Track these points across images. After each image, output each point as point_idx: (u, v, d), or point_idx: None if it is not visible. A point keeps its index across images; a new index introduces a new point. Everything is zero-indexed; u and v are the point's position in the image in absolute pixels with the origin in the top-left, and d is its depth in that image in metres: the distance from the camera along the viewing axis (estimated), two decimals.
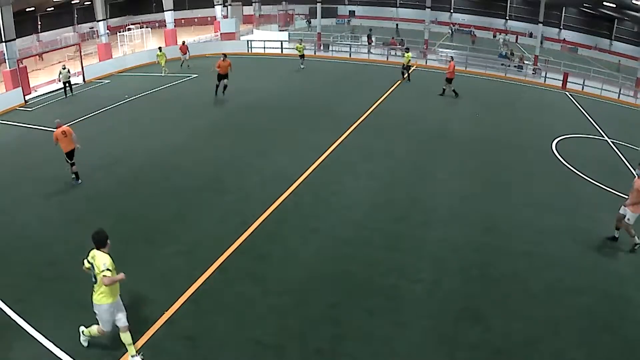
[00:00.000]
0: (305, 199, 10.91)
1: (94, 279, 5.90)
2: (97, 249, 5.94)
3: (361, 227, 9.79)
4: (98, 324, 6.11)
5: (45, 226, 9.83)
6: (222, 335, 6.75)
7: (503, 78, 27.31)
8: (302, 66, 26.37)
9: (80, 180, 11.67)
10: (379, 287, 7.90)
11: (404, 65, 24.28)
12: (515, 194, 11.62)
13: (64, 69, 21.78)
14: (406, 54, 24.64)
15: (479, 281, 8.16)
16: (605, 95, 24.84)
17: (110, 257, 5.89)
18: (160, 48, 26.60)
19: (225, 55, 19.70)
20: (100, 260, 5.77)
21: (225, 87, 19.52)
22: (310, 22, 50.68)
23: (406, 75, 24.32)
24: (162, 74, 25.04)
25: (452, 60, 21.45)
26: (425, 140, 15.16)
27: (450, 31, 50.83)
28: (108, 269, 5.69)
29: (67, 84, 21.65)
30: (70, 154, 11.49)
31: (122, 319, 6.02)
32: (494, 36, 51.92)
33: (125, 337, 6.05)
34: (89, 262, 5.96)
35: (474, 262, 8.68)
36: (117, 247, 8.92)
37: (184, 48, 27.85)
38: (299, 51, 26.36)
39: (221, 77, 19.42)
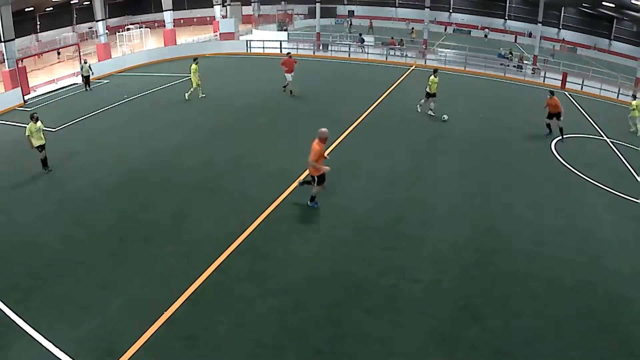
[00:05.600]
0: (305, 199, 10.90)
1: None
2: None
3: (361, 227, 9.78)
4: None
5: (45, 226, 9.82)
6: (222, 335, 6.75)
7: (502, 78, 27.32)
8: (430, 112, 17.67)
9: None
10: (378, 287, 7.90)
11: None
12: (515, 194, 11.62)
13: (85, 63, 22.09)
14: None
15: (479, 281, 8.16)
16: (604, 95, 24.85)
17: None
18: (195, 59, 19.43)
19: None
20: None
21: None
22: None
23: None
24: (190, 95, 19.41)
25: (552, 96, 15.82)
26: (425, 140, 15.15)
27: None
28: None
29: (87, 79, 22.03)
30: None
31: None
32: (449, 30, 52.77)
33: None
34: None
35: (474, 262, 8.69)
36: (117, 246, 9.00)
37: (291, 63, 19.47)
38: (431, 88, 17.26)
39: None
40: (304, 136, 15.19)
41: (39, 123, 12.58)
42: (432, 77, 17.17)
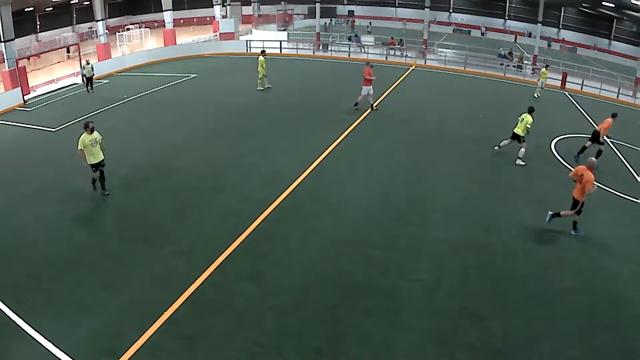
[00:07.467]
0: (305, 199, 10.91)
1: None
2: None
3: (360, 227, 9.79)
4: None
5: (45, 226, 9.81)
6: (222, 335, 6.75)
7: (502, 78, 27.34)
8: (519, 162, 13.48)
9: None
10: (378, 287, 7.90)
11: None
12: (514, 194, 11.62)
13: (88, 64, 21.77)
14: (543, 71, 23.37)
15: (478, 281, 8.17)
16: (604, 95, 24.87)
17: None
18: (263, 51, 21.47)
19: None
20: None
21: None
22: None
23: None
24: (261, 88, 20.92)
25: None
26: (425, 140, 15.16)
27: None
28: None
29: (89, 80, 21.65)
30: None
31: None
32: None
33: None
34: None
35: (473, 262, 8.69)
36: (117, 246, 9.01)
37: (370, 72, 17.29)
38: (520, 128, 13.42)
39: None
40: (304, 136, 15.27)
41: (95, 134, 10.61)
42: (525, 114, 13.32)
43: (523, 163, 13.35)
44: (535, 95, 22.55)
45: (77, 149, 10.55)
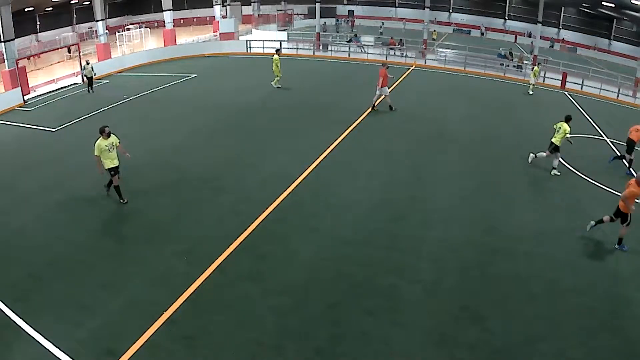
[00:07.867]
0: (305, 199, 10.91)
1: None
2: None
3: (360, 227, 9.79)
4: None
5: (45, 226, 9.81)
6: (222, 335, 6.75)
7: (502, 78, 27.34)
8: (555, 172, 12.87)
9: None
10: (378, 287, 7.90)
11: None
12: (514, 194, 11.62)
13: (88, 64, 21.75)
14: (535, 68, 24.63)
15: (478, 281, 8.17)
16: (604, 95, 24.86)
17: None
18: (277, 50, 22.25)
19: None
20: None
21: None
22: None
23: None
24: (277, 83, 21.62)
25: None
26: (425, 140, 15.15)
27: None
28: None
29: (90, 80, 21.61)
30: None
31: None
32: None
33: None
34: None
35: (473, 262, 8.69)
36: (117, 246, 9.01)
37: (384, 73, 17.65)
38: (557, 137, 12.71)
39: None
40: (304, 136, 15.27)
41: (112, 138, 10.17)
42: (561, 123, 12.64)
43: (558, 173, 12.81)
44: (530, 92, 23.33)
45: (93, 155, 10.11)
